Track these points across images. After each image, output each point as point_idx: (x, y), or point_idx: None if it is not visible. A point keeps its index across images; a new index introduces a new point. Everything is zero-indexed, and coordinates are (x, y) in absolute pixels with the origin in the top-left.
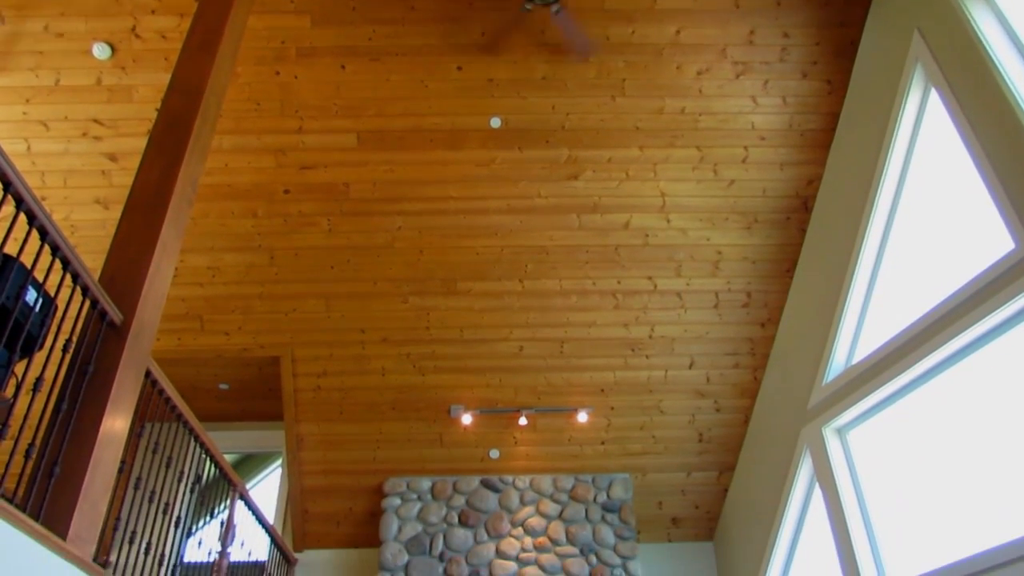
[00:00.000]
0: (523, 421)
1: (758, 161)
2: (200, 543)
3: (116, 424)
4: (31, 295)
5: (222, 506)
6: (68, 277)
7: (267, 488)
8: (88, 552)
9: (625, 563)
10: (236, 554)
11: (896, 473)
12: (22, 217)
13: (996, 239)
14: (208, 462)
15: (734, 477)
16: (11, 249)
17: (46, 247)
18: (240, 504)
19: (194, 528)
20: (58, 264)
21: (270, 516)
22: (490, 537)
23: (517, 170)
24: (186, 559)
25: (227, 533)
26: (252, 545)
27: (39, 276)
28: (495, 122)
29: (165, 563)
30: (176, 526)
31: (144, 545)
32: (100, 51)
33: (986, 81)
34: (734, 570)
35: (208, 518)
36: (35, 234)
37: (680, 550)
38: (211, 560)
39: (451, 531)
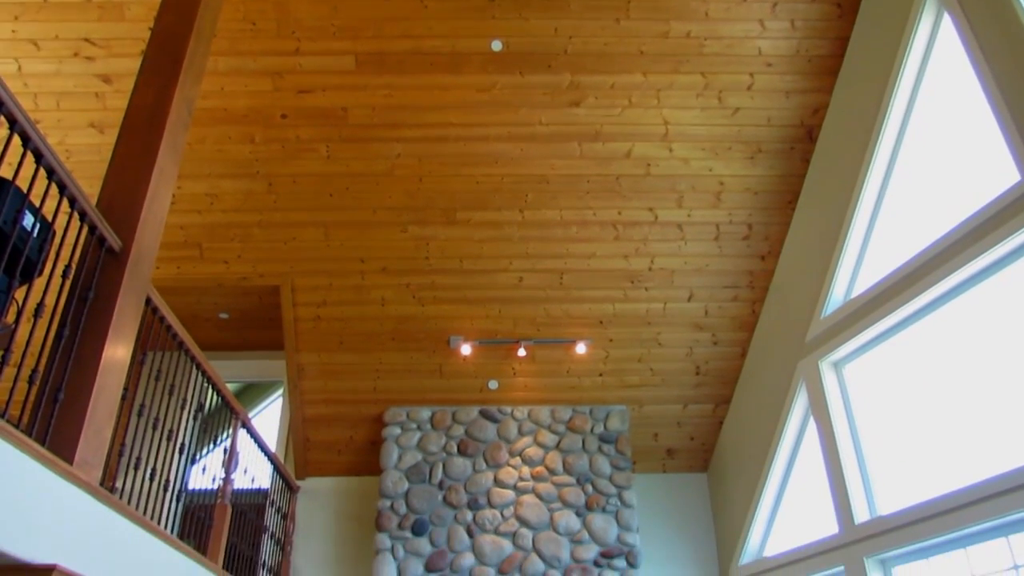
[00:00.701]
0: (522, 352)
1: (764, 89)
2: (204, 470)
3: (118, 351)
4: (28, 220)
5: (225, 435)
6: (65, 203)
7: (269, 417)
8: (95, 477)
9: (620, 493)
10: (239, 481)
11: (890, 407)
12: (16, 140)
13: (1002, 172)
14: (210, 391)
15: (730, 410)
16: (6, 173)
17: (41, 171)
18: (243, 432)
19: (198, 456)
20: (54, 190)
21: (272, 445)
22: (488, 466)
23: (518, 96)
24: (191, 486)
25: (230, 460)
26: (255, 472)
27: (35, 202)
28: (496, 45)
29: (170, 489)
30: (180, 453)
31: (149, 471)
32: None
33: (1002, 8)
34: (727, 501)
35: (211, 446)
36: (30, 158)
37: (675, 481)
38: (215, 487)
39: (450, 460)
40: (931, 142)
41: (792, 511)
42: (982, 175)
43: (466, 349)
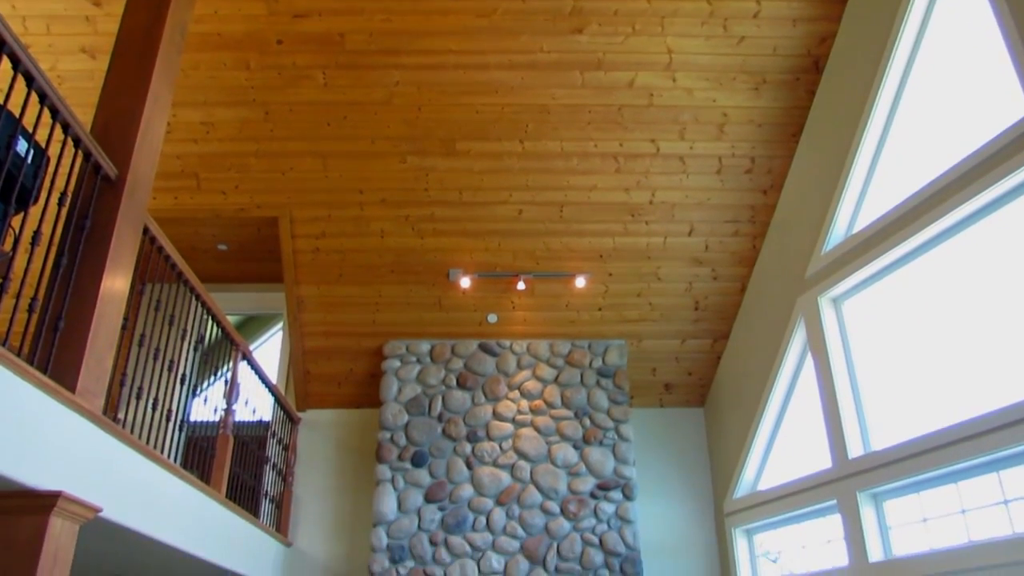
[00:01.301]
0: (521, 286)
1: (770, 16)
2: (205, 401)
3: (117, 280)
4: (21, 145)
5: (226, 367)
6: (59, 130)
7: (269, 350)
8: (97, 405)
9: (618, 426)
10: (241, 413)
11: (886, 344)
12: (6, 65)
13: (1011, 106)
14: (210, 322)
15: (728, 345)
16: None
17: (33, 96)
18: (243, 365)
19: (200, 388)
20: (47, 117)
21: (273, 377)
22: (487, 399)
23: (519, 22)
24: (193, 418)
25: (231, 391)
26: (256, 404)
27: (27, 129)
28: None
29: (172, 419)
30: (181, 384)
31: (151, 401)
32: None
33: None
34: (723, 436)
35: (212, 379)
36: (21, 82)
37: (671, 415)
38: (217, 418)
39: (449, 393)
40: (940, 74)
41: (787, 446)
42: (989, 109)
43: (465, 282)
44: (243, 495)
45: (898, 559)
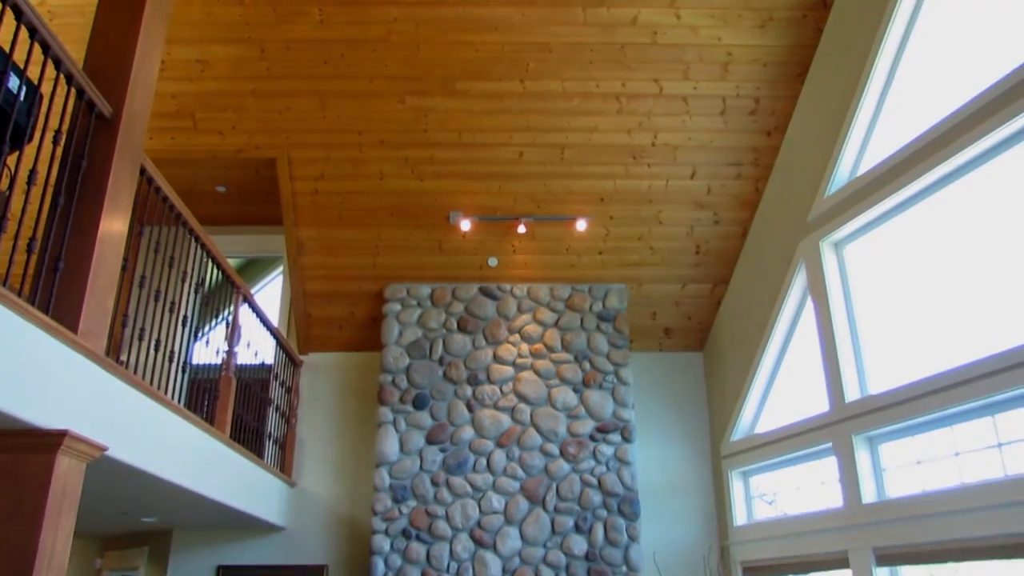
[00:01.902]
0: (522, 229)
1: None
2: (207, 343)
3: (115, 221)
4: (13, 82)
5: (227, 311)
6: (51, 67)
7: (270, 294)
8: (100, 346)
9: (617, 370)
10: (244, 356)
11: (886, 289)
12: None
13: (1021, 46)
14: (210, 264)
15: (728, 290)
16: None
17: (23, 31)
18: (245, 308)
19: (201, 332)
20: (38, 55)
21: (274, 321)
22: (488, 343)
23: None
24: (195, 361)
25: (233, 333)
26: (258, 347)
27: (18, 65)
28: None
29: (175, 361)
30: (183, 325)
31: (153, 343)
32: None
33: None
34: (721, 379)
35: (214, 322)
36: (10, 16)
37: (670, 359)
38: (220, 361)
39: (450, 336)
40: (950, 12)
41: (784, 391)
42: (999, 48)
43: (465, 225)
44: (247, 436)
45: (891, 500)
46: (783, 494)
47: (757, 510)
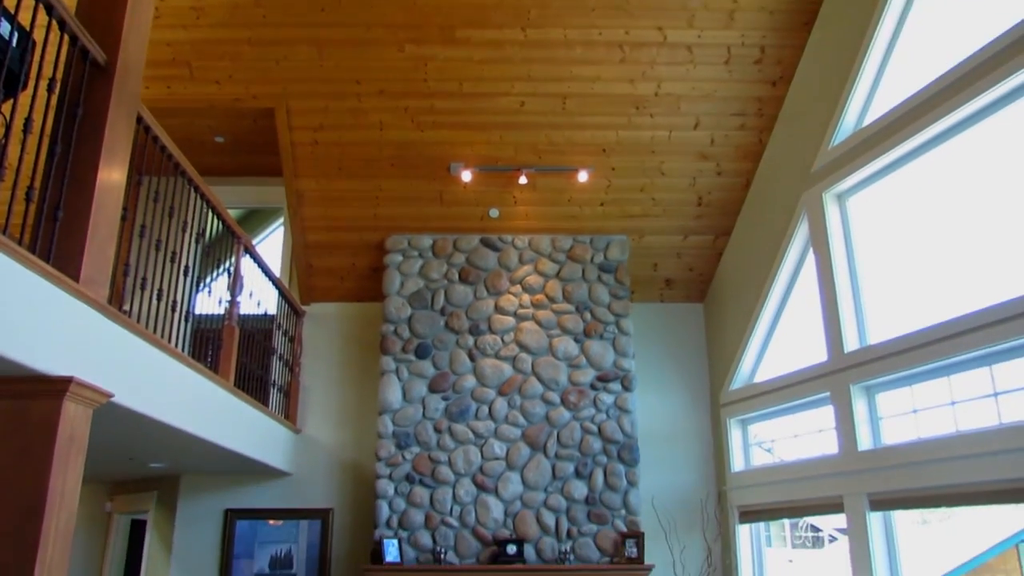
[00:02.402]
0: (523, 180)
1: None
2: (210, 293)
3: (114, 170)
4: (4, 28)
5: (229, 262)
6: (43, 14)
7: (271, 245)
8: (102, 295)
9: (618, 320)
10: (247, 307)
11: (888, 241)
12: None
13: None
14: (211, 215)
15: (730, 241)
16: None
17: None
18: (247, 259)
19: (203, 283)
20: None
21: (276, 272)
22: (489, 294)
23: None
24: (198, 311)
25: (235, 283)
26: (261, 297)
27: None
28: None
29: (178, 310)
30: (185, 275)
31: (156, 292)
32: None
33: None
34: (722, 330)
35: (216, 273)
36: None
37: (671, 310)
38: (222, 312)
39: (452, 287)
40: None
41: (784, 342)
42: (1009, 1)
43: (466, 176)
44: (251, 385)
45: (887, 447)
46: (780, 442)
47: (754, 457)
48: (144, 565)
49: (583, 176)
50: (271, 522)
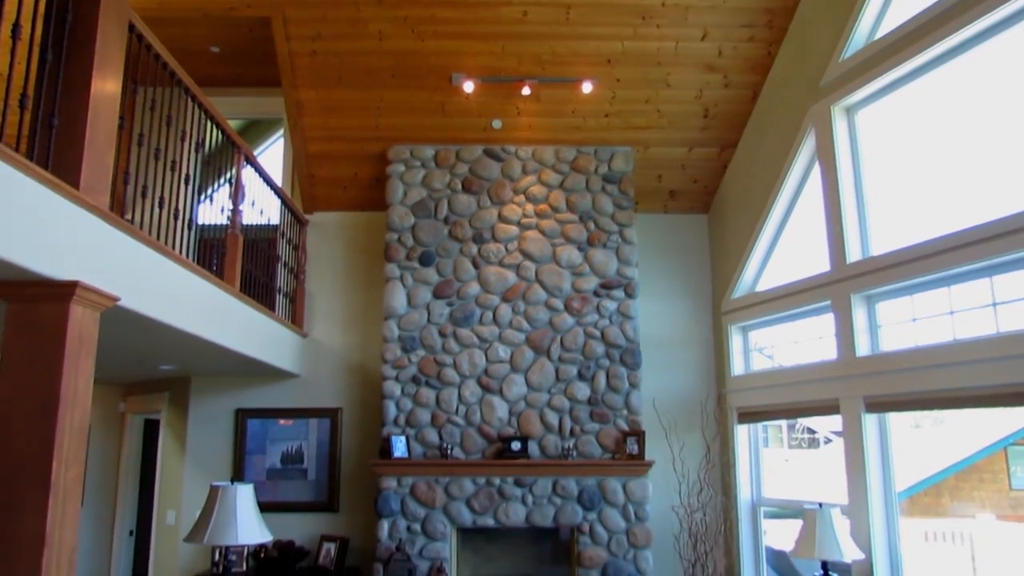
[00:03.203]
0: (526, 91)
1: None
2: (212, 202)
3: (107, 77)
4: None
5: (229, 174)
6: None
7: (272, 157)
8: (103, 202)
9: (622, 230)
10: (251, 217)
11: (894, 155)
12: None
13: None
14: (210, 125)
15: (735, 154)
16: None
17: None
18: (248, 169)
19: (205, 194)
20: None
21: (278, 182)
22: (492, 203)
23: None
24: (201, 221)
25: (236, 191)
26: (264, 206)
27: None
28: None
29: (180, 218)
30: (186, 184)
31: (157, 200)
32: None
33: None
34: (725, 241)
35: (217, 184)
36: None
37: (675, 221)
38: (226, 221)
39: (455, 197)
40: None
41: (786, 253)
42: None
43: (469, 87)
44: (257, 291)
45: (884, 353)
46: (780, 348)
47: (754, 362)
48: (159, 462)
49: (587, 87)
50: (281, 421)
